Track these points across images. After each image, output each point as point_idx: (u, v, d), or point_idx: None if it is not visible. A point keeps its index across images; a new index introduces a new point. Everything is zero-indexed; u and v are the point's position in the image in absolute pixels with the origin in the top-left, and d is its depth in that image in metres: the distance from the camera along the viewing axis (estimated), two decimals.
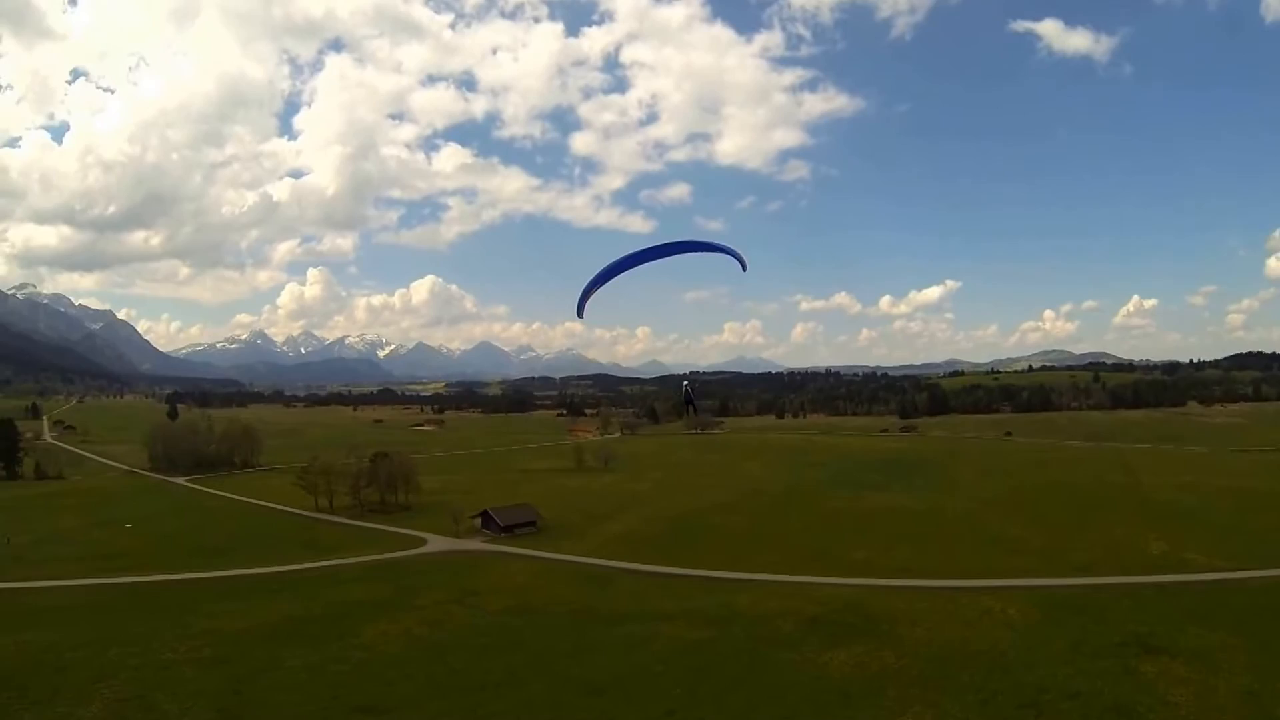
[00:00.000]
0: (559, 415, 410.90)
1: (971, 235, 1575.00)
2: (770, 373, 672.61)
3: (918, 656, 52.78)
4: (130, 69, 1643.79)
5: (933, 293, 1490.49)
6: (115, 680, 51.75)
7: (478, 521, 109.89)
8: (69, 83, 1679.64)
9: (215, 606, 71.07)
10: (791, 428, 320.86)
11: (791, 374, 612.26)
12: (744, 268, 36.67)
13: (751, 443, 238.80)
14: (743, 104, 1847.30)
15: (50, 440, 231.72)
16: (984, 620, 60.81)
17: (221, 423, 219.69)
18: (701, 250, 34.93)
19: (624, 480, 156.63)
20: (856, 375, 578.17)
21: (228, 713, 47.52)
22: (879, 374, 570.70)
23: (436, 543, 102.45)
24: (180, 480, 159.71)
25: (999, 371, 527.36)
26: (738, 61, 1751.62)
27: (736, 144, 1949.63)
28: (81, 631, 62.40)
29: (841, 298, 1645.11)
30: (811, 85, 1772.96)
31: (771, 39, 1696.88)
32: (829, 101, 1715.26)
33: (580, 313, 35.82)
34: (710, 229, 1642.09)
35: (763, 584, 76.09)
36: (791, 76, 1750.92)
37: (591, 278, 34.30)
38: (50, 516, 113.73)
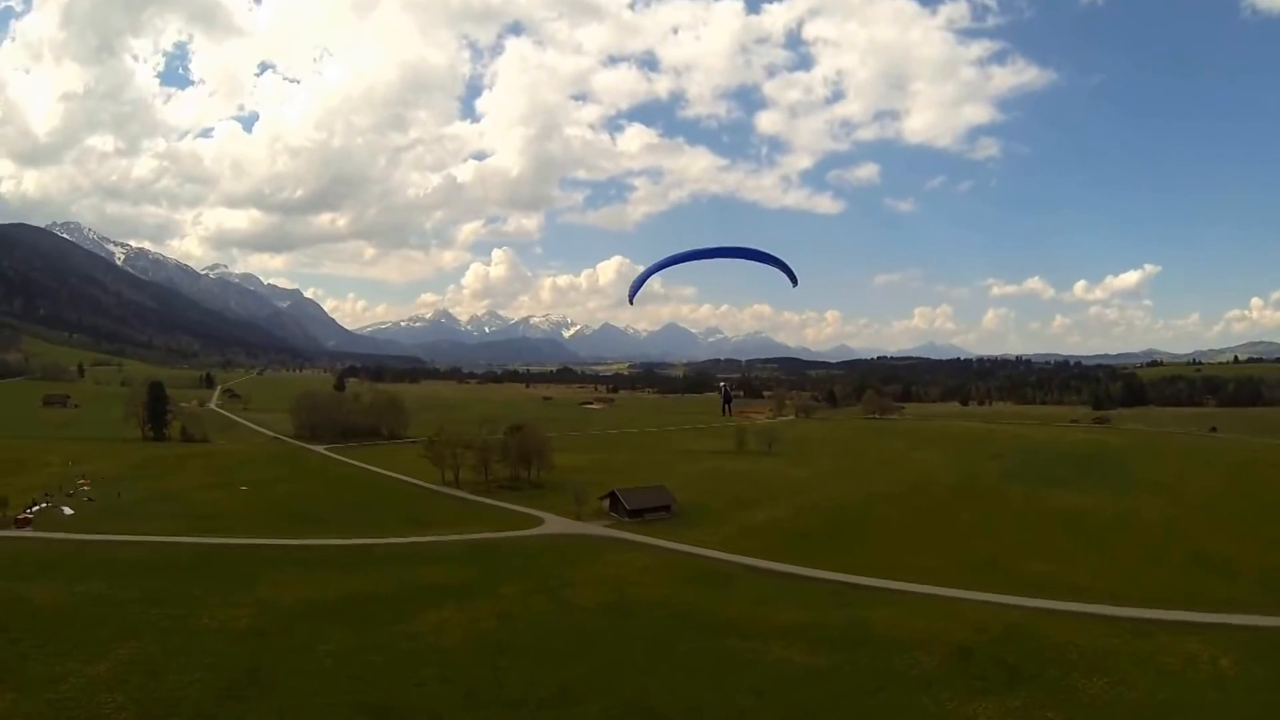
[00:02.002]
0: (735, 397, 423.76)
1: (1172, 217, 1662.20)
2: (959, 359, 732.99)
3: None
4: (315, 60, 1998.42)
5: (1130, 278, 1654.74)
6: (138, 641, 54.06)
7: (606, 503, 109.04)
8: (257, 75, 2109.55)
9: (281, 575, 73.94)
10: (975, 415, 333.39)
11: (981, 361, 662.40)
12: (794, 283, 42.56)
13: (930, 429, 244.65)
14: (930, 79, 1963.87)
15: (213, 407, 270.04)
16: (1186, 672, 53.14)
17: (370, 394, 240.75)
18: (753, 259, 40.16)
19: (785, 465, 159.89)
20: (1048, 363, 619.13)
21: (230, 692, 46.95)
22: (1071, 363, 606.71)
23: (553, 524, 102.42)
24: (319, 448, 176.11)
25: (1201, 363, 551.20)
26: (922, 35, 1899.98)
27: (925, 121, 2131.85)
28: (135, 587, 67.44)
29: (1034, 282, 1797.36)
30: (1000, 58, 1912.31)
31: (957, 9, 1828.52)
32: (1018, 75, 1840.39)
33: (631, 300, 43.93)
34: (900, 210, 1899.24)
35: (910, 597, 72.10)
36: (979, 49, 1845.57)
37: (645, 269, 42.12)
38: (172, 476, 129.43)
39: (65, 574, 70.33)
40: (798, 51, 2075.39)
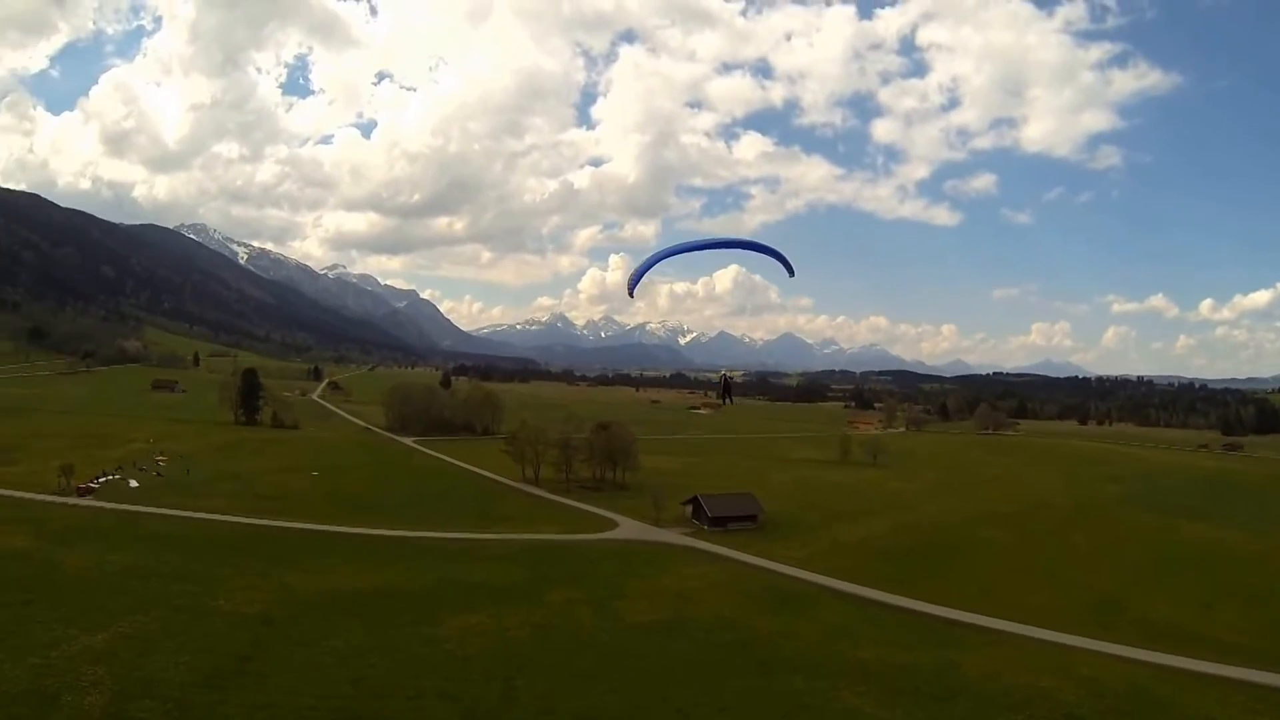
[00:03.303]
0: (845, 407, 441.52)
1: None
2: (1077, 378, 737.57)
3: None
4: (430, 69, 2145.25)
5: (1261, 297, 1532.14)
6: (145, 615, 53.05)
7: (688, 509, 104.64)
8: (374, 84, 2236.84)
9: (316, 562, 73.02)
10: (1093, 435, 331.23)
11: (1100, 380, 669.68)
12: (791, 273, 44.63)
13: (1045, 447, 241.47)
14: (1047, 85, 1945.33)
15: (314, 397, 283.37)
16: None
17: (466, 389, 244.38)
18: (752, 250, 43.19)
19: (888, 478, 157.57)
20: (1171, 385, 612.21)
21: (213, 679, 44.36)
22: (1196, 385, 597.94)
23: (628, 528, 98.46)
24: (408, 440, 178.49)
25: None
26: (1039, 39, 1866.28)
27: (1043, 129, 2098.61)
28: (166, 562, 67.74)
29: (1157, 300, 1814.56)
30: (1120, 61, 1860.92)
31: (1074, 11, 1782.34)
32: (1140, 79, 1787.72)
33: (631, 293, 44.87)
34: (1018, 222, 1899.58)
35: (1014, 639, 65.34)
36: (1098, 52, 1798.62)
37: (643, 261, 43.26)
38: (249, 458, 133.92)
39: (105, 543, 72.06)
40: (912, 58, 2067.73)
